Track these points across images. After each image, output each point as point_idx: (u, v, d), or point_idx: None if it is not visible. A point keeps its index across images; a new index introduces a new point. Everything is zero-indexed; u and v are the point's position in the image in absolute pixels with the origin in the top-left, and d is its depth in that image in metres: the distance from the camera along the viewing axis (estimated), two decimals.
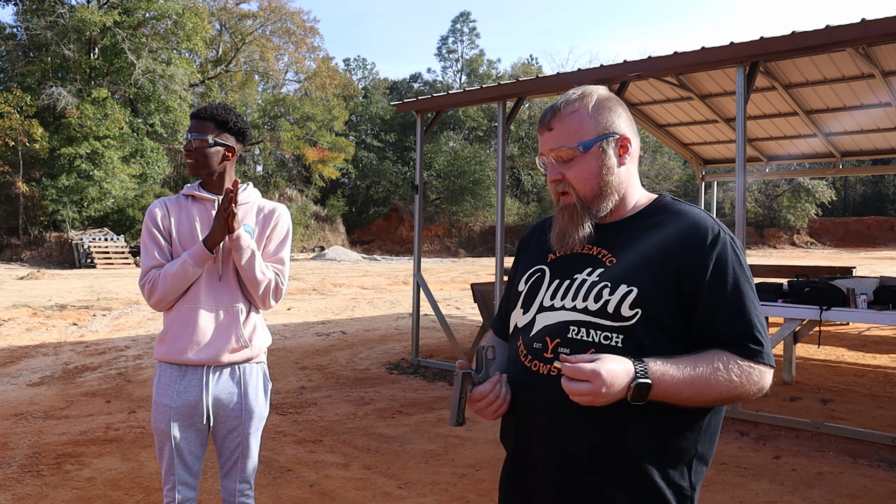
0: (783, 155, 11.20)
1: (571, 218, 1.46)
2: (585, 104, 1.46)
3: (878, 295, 5.52)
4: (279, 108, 39.69)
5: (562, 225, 1.48)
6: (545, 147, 1.48)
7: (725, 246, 1.39)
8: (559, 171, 1.46)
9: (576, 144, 1.44)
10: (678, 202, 1.50)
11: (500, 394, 1.44)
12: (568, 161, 1.45)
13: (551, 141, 1.47)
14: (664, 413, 1.37)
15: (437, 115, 7.99)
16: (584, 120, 1.45)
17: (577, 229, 1.46)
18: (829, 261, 30.40)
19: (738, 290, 1.37)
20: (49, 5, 28.51)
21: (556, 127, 1.46)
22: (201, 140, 2.38)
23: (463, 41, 50.76)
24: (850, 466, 4.33)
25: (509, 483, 1.54)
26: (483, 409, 1.44)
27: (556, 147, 1.46)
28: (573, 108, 1.46)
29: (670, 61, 5.95)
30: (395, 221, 44.00)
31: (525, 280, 1.56)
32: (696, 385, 1.31)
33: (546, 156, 1.49)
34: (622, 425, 1.36)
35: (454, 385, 1.43)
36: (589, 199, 1.46)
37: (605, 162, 1.45)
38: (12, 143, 26.38)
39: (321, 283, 18.56)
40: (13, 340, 9.19)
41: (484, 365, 1.45)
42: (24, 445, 4.70)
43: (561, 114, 1.46)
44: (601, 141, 1.45)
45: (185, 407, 2.35)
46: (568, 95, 1.48)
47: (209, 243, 2.31)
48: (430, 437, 4.94)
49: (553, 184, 1.49)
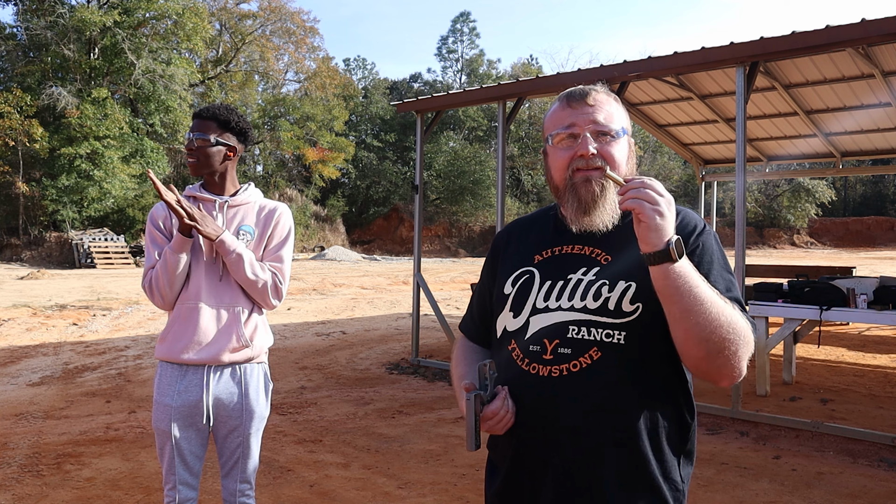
0: (783, 155, 11.20)
1: (603, 190, 1.42)
2: (616, 97, 1.51)
3: (878, 295, 5.52)
4: (279, 108, 39.70)
5: (585, 199, 1.43)
6: (583, 119, 1.44)
7: (710, 237, 1.45)
8: (596, 146, 1.43)
9: (618, 127, 1.46)
10: None
11: (510, 407, 1.42)
12: (603, 137, 1.44)
13: (594, 114, 1.44)
14: (666, 409, 1.40)
15: (437, 115, 7.99)
16: (620, 110, 1.49)
17: (605, 203, 1.43)
18: (829, 261, 30.41)
19: (727, 273, 1.43)
20: (49, 5, 28.51)
21: (597, 105, 1.46)
22: (203, 139, 2.38)
23: (463, 41, 50.78)
24: (850, 466, 4.33)
25: (508, 489, 1.50)
26: (494, 426, 1.41)
27: (598, 122, 1.44)
28: (609, 95, 1.49)
29: (670, 61, 5.95)
30: (395, 221, 44.00)
31: (512, 282, 1.53)
32: (705, 302, 1.26)
33: (582, 127, 1.44)
34: (626, 423, 1.37)
35: (466, 409, 1.38)
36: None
37: (630, 153, 1.49)
38: (12, 143, 26.38)
39: (321, 283, 18.57)
40: (13, 340, 9.19)
41: (488, 382, 1.42)
42: (24, 445, 4.70)
43: (600, 95, 1.47)
44: (628, 135, 1.49)
45: (185, 407, 2.35)
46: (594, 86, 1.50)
47: (181, 227, 2.31)
48: (430, 437, 4.94)
49: (587, 158, 1.42)
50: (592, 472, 1.38)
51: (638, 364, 1.38)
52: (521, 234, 1.61)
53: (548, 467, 1.42)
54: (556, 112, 1.49)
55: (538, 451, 1.43)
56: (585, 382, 1.38)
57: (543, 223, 1.59)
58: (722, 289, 1.36)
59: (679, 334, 1.30)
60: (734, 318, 1.29)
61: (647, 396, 1.39)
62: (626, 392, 1.38)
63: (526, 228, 1.61)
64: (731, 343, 1.28)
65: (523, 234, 1.60)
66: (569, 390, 1.39)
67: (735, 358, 1.29)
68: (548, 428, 1.41)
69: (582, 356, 1.39)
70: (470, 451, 1.37)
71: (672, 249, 1.24)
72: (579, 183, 1.43)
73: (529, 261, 1.53)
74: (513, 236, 1.64)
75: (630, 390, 1.38)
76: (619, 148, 1.45)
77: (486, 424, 1.40)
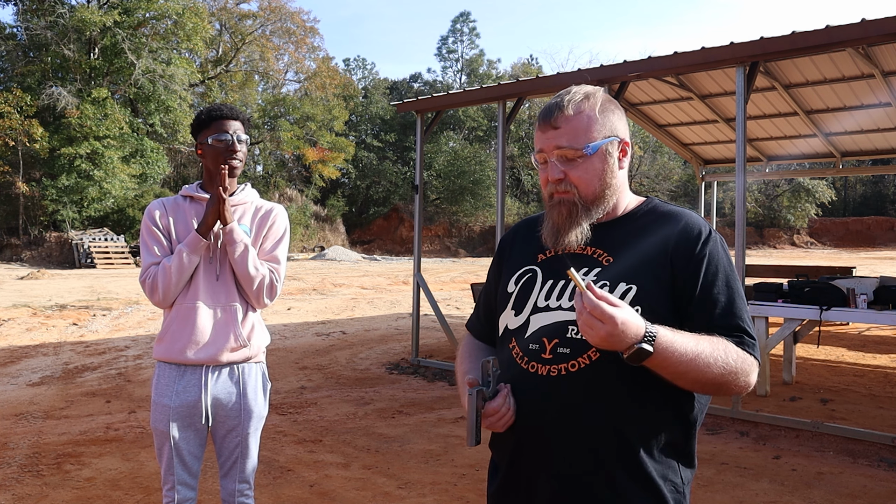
0: (783, 155, 11.20)
1: (570, 215, 1.44)
2: (592, 105, 1.45)
3: (878, 295, 5.52)
4: (279, 108, 39.68)
5: (557, 222, 1.46)
6: (548, 144, 1.45)
7: (717, 244, 1.43)
8: (562, 170, 1.44)
9: (583, 146, 1.42)
10: (666, 204, 1.53)
11: (511, 405, 1.42)
12: (572, 160, 1.44)
13: (556, 139, 1.43)
14: (665, 410, 1.39)
15: (437, 115, 7.99)
16: (592, 121, 1.44)
17: (574, 227, 1.44)
18: (829, 261, 30.40)
19: (731, 287, 1.41)
20: (49, 5, 28.50)
21: (563, 126, 1.43)
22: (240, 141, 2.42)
23: (463, 41, 50.75)
24: (850, 466, 4.33)
25: (506, 488, 1.50)
26: (495, 423, 1.41)
27: (562, 146, 1.43)
28: (579, 108, 1.44)
29: (670, 61, 5.95)
30: (395, 221, 43.98)
31: (515, 281, 1.54)
32: (696, 363, 1.30)
33: (548, 153, 1.45)
34: (625, 424, 1.37)
35: (468, 405, 1.39)
36: (590, 199, 1.45)
37: (608, 164, 1.45)
38: (12, 143, 26.36)
39: (321, 283, 18.56)
40: (13, 340, 9.19)
41: (492, 379, 1.42)
42: (24, 445, 4.70)
43: (567, 112, 1.43)
44: (606, 143, 1.45)
45: (184, 407, 2.35)
46: (571, 94, 1.45)
47: (202, 228, 2.32)
48: (430, 437, 4.93)
49: (554, 183, 1.45)
50: (590, 472, 1.38)
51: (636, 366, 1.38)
52: (527, 234, 1.61)
53: (545, 467, 1.42)
54: (536, 131, 1.51)
55: (536, 450, 1.43)
56: (584, 382, 1.38)
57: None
58: (719, 309, 1.38)
59: (678, 384, 1.36)
60: (728, 359, 1.33)
61: (645, 398, 1.38)
62: (625, 393, 1.38)
63: (532, 228, 1.62)
64: (728, 382, 1.34)
65: (529, 233, 1.61)
66: (567, 390, 1.39)
67: (736, 387, 1.36)
68: (546, 427, 1.41)
69: (580, 356, 1.39)
70: (470, 446, 1.38)
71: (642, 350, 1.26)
72: (553, 206, 1.47)
73: (533, 260, 1.54)
74: (519, 235, 1.65)
75: (628, 391, 1.38)
76: (587, 167, 1.44)
77: (487, 421, 1.41)
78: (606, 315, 1.23)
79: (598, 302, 1.24)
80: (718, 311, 1.39)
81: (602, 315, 1.23)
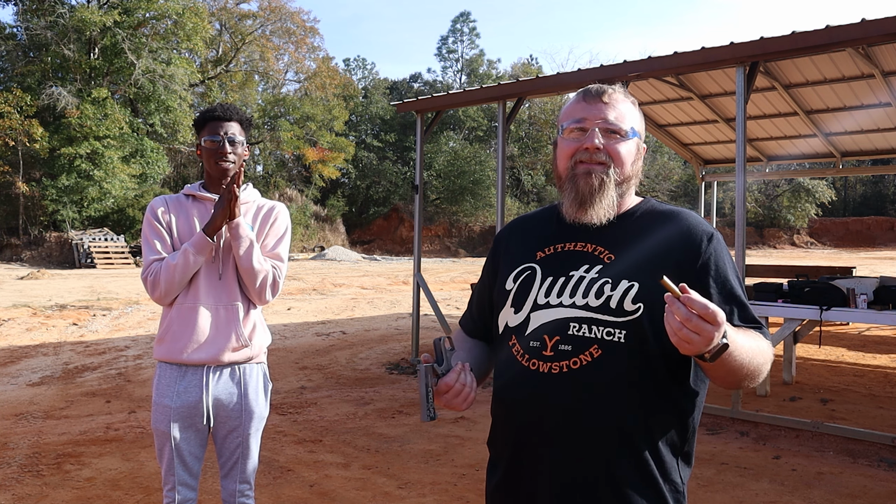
0: (783, 155, 11.19)
1: (602, 185, 1.45)
2: (633, 101, 1.53)
3: (878, 295, 5.52)
4: (279, 108, 39.67)
5: (584, 191, 1.45)
6: (594, 115, 1.47)
7: (719, 243, 1.46)
8: (602, 142, 1.47)
9: (629, 127, 1.48)
10: (664, 204, 1.55)
11: (466, 381, 1.43)
12: (613, 135, 1.47)
13: (606, 112, 1.47)
14: (666, 408, 1.40)
15: (437, 115, 7.99)
16: (634, 112, 1.51)
17: (604, 198, 1.45)
18: (829, 261, 30.39)
19: (736, 284, 1.45)
20: (49, 5, 28.49)
21: (611, 103, 1.48)
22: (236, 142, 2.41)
23: (463, 41, 50.74)
24: (850, 466, 4.33)
25: (507, 487, 1.50)
26: (452, 400, 1.43)
27: (610, 121, 1.47)
28: (626, 96, 1.52)
29: (670, 61, 5.95)
30: (395, 221, 43.98)
31: (514, 278, 1.54)
32: (752, 352, 1.32)
33: (591, 122, 1.47)
34: (626, 421, 1.37)
35: (419, 380, 1.43)
36: (621, 176, 1.48)
37: (637, 154, 1.51)
38: (12, 143, 26.35)
39: (321, 283, 18.56)
40: (13, 340, 9.19)
41: (444, 356, 1.45)
42: (24, 445, 4.70)
43: (618, 95, 1.50)
44: (639, 137, 1.51)
45: (184, 407, 2.34)
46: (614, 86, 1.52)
47: (209, 229, 2.31)
48: (430, 437, 4.93)
49: (592, 151, 1.45)
50: (590, 469, 1.38)
51: (637, 363, 1.38)
52: (524, 232, 1.62)
53: (546, 464, 1.42)
54: (571, 105, 1.53)
55: (536, 447, 1.43)
56: (585, 380, 1.38)
57: (546, 220, 1.60)
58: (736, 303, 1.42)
59: (716, 378, 1.36)
60: (762, 352, 1.36)
61: (646, 396, 1.39)
62: (626, 391, 1.38)
63: (528, 226, 1.62)
64: (763, 371, 1.37)
65: (525, 231, 1.61)
66: (568, 387, 1.39)
67: (762, 376, 1.38)
68: (546, 424, 1.41)
69: (582, 353, 1.39)
70: (423, 421, 1.41)
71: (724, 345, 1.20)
72: (580, 174, 1.46)
73: (531, 257, 1.54)
74: (514, 233, 1.65)
75: (629, 389, 1.38)
76: (626, 147, 1.48)
77: (444, 398, 1.43)
78: (711, 314, 1.16)
79: (707, 302, 1.16)
80: (736, 305, 1.42)
81: (714, 317, 1.16)
